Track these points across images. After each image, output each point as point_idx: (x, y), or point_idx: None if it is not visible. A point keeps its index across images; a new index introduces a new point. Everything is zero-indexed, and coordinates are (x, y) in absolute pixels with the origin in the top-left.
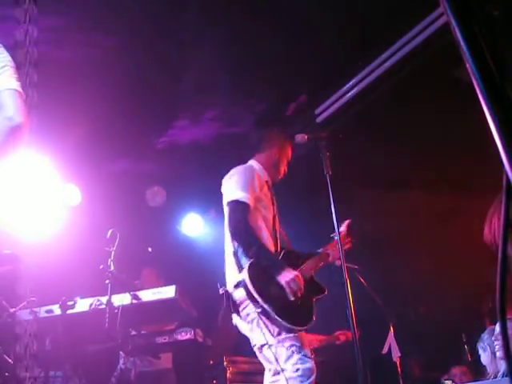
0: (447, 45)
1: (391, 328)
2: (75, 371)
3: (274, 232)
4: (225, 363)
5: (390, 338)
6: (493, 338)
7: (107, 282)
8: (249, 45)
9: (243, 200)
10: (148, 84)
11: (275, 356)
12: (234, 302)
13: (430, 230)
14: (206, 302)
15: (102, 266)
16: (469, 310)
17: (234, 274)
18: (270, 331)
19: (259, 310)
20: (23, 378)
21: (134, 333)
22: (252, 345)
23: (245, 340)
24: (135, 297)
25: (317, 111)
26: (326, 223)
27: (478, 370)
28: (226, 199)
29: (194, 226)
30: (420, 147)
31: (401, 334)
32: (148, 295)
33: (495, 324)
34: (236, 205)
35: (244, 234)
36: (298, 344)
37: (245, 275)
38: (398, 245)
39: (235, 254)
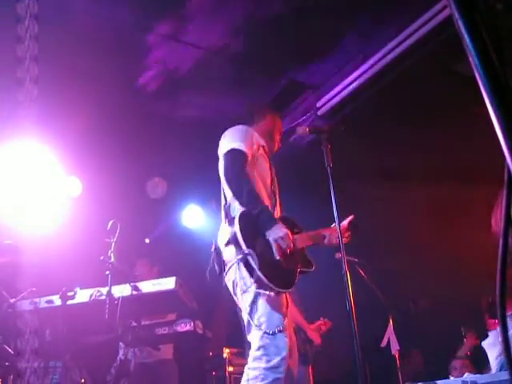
0: (450, 38)
1: (390, 321)
2: (75, 362)
3: (273, 194)
4: (224, 355)
5: (390, 332)
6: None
7: (107, 272)
8: (249, 36)
9: (239, 148)
10: (150, 76)
11: (250, 302)
12: (223, 260)
13: (430, 223)
14: (205, 294)
15: (102, 257)
16: (468, 303)
17: (225, 230)
18: (245, 283)
19: (240, 256)
20: (23, 368)
21: (134, 324)
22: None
23: (242, 332)
24: (135, 288)
25: (318, 104)
26: (327, 216)
27: (477, 364)
28: (221, 153)
29: (194, 217)
30: (422, 140)
31: (400, 327)
32: (148, 286)
33: (495, 319)
34: (231, 152)
35: (237, 178)
36: (271, 304)
37: (236, 221)
38: (398, 238)
39: (228, 207)
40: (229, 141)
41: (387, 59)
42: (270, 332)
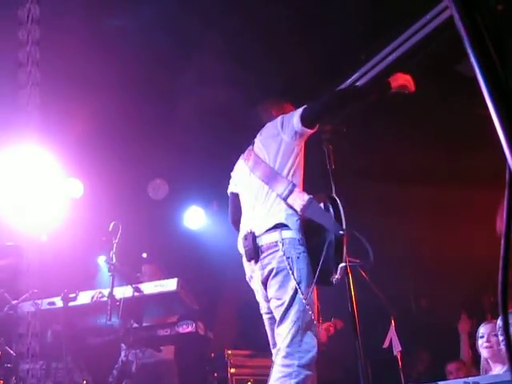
0: (451, 39)
1: (392, 322)
2: (77, 363)
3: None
4: (226, 356)
5: (391, 332)
6: (498, 333)
7: (109, 274)
8: (252, 37)
9: None
10: (149, 77)
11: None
12: (259, 247)
13: (432, 224)
14: (207, 295)
15: (104, 259)
16: (470, 303)
17: (274, 216)
18: (293, 273)
19: (341, 232)
20: (25, 370)
21: (135, 325)
22: (268, 297)
23: (244, 333)
24: (137, 289)
25: None
26: None
27: (478, 365)
28: (293, 120)
29: (196, 219)
30: (422, 141)
31: (402, 327)
32: (150, 288)
33: (496, 318)
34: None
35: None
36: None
37: (337, 201)
38: (400, 238)
39: (285, 198)
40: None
41: (388, 60)
42: (307, 330)
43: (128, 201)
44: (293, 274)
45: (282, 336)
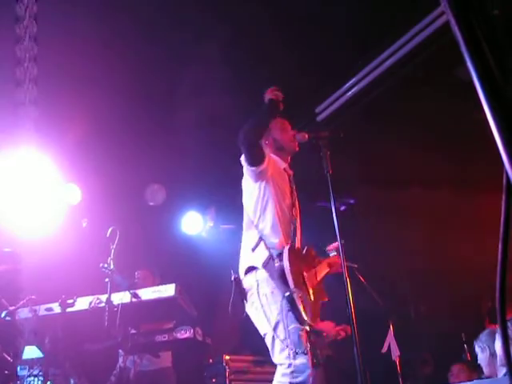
0: (447, 44)
1: (391, 327)
2: (75, 369)
3: (292, 219)
4: (224, 362)
5: (390, 337)
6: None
7: (107, 280)
8: (249, 44)
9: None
10: (148, 83)
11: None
12: (243, 289)
13: (430, 229)
14: (205, 301)
15: (101, 265)
16: (469, 309)
17: (247, 257)
18: (270, 319)
19: (287, 293)
20: (23, 376)
21: (133, 331)
22: (262, 334)
23: (245, 338)
24: (135, 295)
25: (317, 110)
26: (327, 220)
27: (478, 369)
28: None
29: (193, 224)
30: (420, 146)
31: (400, 333)
32: (148, 294)
33: (495, 323)
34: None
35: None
36: (295, 336)
37: (285, 257)
38: (398, 243)
39: (253, 249)
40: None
41: (386, 65)
42: (297, 352)
43: (126, 206)
44: (269, 308)
45: (279, 360)
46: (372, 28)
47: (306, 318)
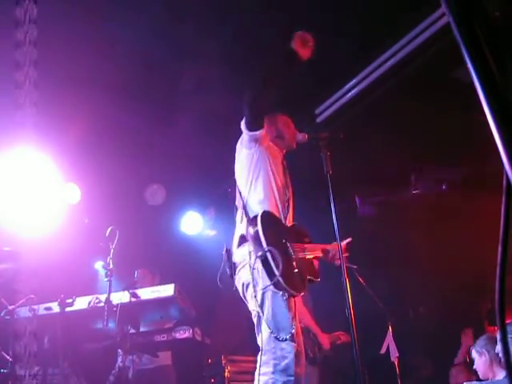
0: (448, 46)
1: (390, 328)
2: (73, 369)
3: (285, 197)
4: (223, 362)
5: (389, 338)
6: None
7: (106, 279)
8: (248, 44)
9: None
10: (148, 83)
11: (259, 303)
12: (234, 263)
13: (429, 230)
14: (204, 301)
15: (101, 264)
16: (468, 310)
17: (240, 231)
18: (257, 283)
19: (259, 253)
20: (22, 375)
21: (132, 331)
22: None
23: (244, 338)
24: (134, 295)
25: (317, 111)
26: (326, 223)
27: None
28: (243, 132)
29: (193, 224)
30: (420, 147)
31: (399, 334)
32: (147, 293)
33: (494, 326)
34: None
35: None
36: (283, 322)
37: (258, 219)
38: (397, 245)
39: (245, 207)
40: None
41: (386, 66)
42: (280, 338)
43: (125, 206)
44: (257, 283)
45: (260, 346)
46: (372, 29)
47: (276, 273)
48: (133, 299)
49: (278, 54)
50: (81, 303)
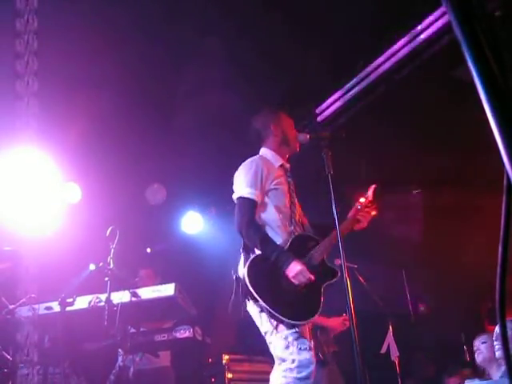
0: (449, 44)
1: (390, 327)
2: (74, 368)
3: (292, 220)
4: (223, 361)
5: (389, 338)
6: (493, 338)
7: (106, 279)
8: (249, 44)
9: (248, 196)
10: (148, 82)
11: (274, 345)
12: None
13: (430, 230)
14: (205, 300)
15: (101, 264)
16: (468, 310)
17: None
18: (270, 322)
19: (259, 309)
20: (22, 375)
21: (132, 330)
22: (262, 332)
23: (244, 338)
24: (134, 294)
25: (318, 110)
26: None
27: (477, 370)
28: (234, 197)
29: (193, 224)
30: (420, 146)
31: (400, 333)
32: (147, 293)
33: (494, 324)
34: (240, 201)
35: (245, 230)
36: (296, 335)
37: (244, 272)
38: (398, 244)
39: (244, 249)
40: (239, 184)
41: (386, 65)
42: (301, 348)
43: (126, 206)
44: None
45: (281, 355)
46: (373, 28)
47: (292, 322)
48: (133, 299)
49: (274, 257)
50: (81, 303)
